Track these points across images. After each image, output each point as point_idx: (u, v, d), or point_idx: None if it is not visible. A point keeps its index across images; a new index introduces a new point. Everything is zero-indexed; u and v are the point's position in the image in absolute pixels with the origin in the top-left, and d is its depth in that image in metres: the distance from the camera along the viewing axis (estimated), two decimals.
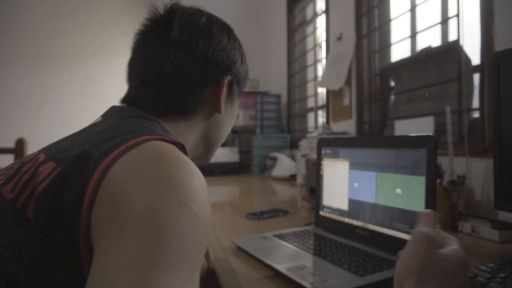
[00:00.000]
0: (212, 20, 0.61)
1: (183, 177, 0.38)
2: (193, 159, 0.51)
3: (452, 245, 0.41)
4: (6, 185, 0.42)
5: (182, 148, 0.46)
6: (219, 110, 0.60)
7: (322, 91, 2.55)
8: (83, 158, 0.39)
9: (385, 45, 1.90)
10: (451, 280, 0.36)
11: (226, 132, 0.68)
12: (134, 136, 0.42)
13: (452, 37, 1.47)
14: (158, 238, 0.33)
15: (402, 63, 1.74)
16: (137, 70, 0.57)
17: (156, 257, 0.32)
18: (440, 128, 1.35)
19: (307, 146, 1.97)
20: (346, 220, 0.88)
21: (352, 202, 0.87)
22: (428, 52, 1.55)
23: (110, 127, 0.46)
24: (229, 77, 0.60)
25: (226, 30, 0.63)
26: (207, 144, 0.65)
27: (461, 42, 1.30)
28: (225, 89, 0.60)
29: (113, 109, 0.55)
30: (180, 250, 0.33)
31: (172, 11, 0.58)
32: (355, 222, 0.85)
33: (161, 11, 0.59)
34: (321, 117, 2.61)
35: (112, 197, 0.36)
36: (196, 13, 0.60)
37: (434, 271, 0.36)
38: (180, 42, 0.56)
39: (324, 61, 2.47)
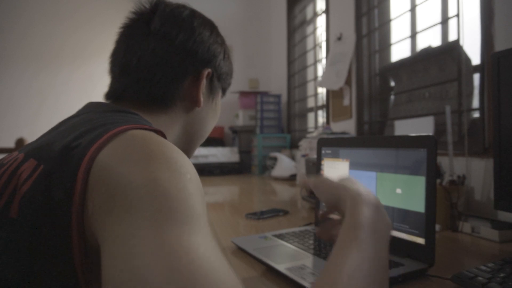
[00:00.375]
0: (195, 14, 0.62)
1: (170, 152, 0.40)
2: None
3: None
4: None
5: (162, 135, 0.47)
6: (198, 103, 0.59)
7: (322, 91, 2.55)
8: (66, 153, 0.39)
9: (385, 45, 1.90)
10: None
11: (207, 128, 0.67)
12: (115, 126, 0.42)
13: (452, 37, 1.47)
14: (164, 200, 0.35)
15: (402, 63, 1.74)
16: (118, 61, 0.58)
17: (167, 216, 0.34)
18: (440, 128, 1.35)
19: (307, 146, 1.97)
20: None
21: None
22: (428, 52, 1.55)
23: (88, 120, 0.46)
24: (209, 70, 0.60)
25: (208, 24, 0.63)
26: (188, 140, 0.64)
27: (461, 42, 1.30)
28: (204, 82, 0.60)
29: (89, 105, 0.55)
30: (187, 207, 0.35)
31: (156, 5, 0.59)
32: None
33: (147, 5, 0.60)
34: (321, 117, 2.61)
35: (106, 182, 0.36)
36: (179, 7, 0.61)
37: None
38: (160, 32, 0.56)
39: (324, 61, 2.47)
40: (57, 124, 0.51)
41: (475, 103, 1.30)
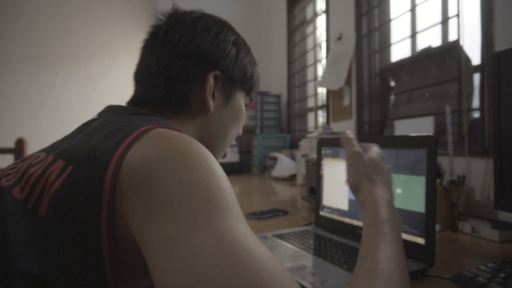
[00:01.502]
0: (202, 17, 0.60)
1: (198, 149, 0.41)
2: None
3: (372, 149, 0.59)
4: (15, 186, 0.43)
5: None
6: (206, 107, 0.57)
7: (322, 91, 2.55)
8: (94, 154, 0.40)
9: (385, 45, 1.90)
10: (381, 170, 0.56)
11: (227, 134, 0.64)
12: (139, 127, 0.43)
13: (452, 37, 1.47)
14: (206, 200, 0.36)
15: (402, 63, 1.74)
16: (134, 72, 0.61)
17: (212, 214, 0.35)
18: (440, 128, 1.35)
19: (307, 146, 1.97)
20: (346, 220, 0.88)
21: (352, 202, 0.87)
22: (428, 52, 1.55)
23: (110, 122, 0.47)
24: (215, 72, 0.57)
25: (217, 25, 0.60)
26: (206, 146, 0.63)
27: (461, 42, 1.30)
28: (211, 84, 0.57)
29: (109, 108, 0.55)
30: (226, 202, 0.37)
31: (170, 15, 0.60)
32: (355, 222, 0.85)
33: (163, 17, 0.61)
34: (321, 117, 2.61)
35: (142, 183, 0.37)
36: (189, 13, 0.60)
37: (372, 169, 0.55)
38: (164, 41, 0.57)
39: (324, 61, 2.47)
40: (79, 127, 0.52)
41: (475, 103, 1.30)
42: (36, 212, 0.39)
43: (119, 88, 3.80)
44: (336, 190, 0.93)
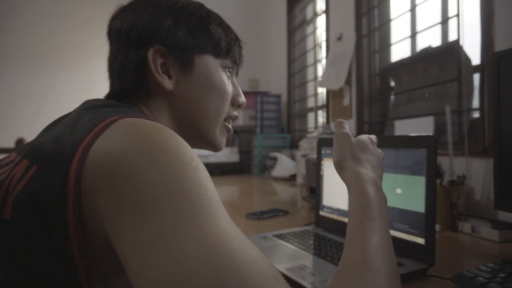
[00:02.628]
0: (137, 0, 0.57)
1: (170, 140, 0.38)
2: None
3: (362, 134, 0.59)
4: None
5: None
6: (162, 85, 0.53)
7: (322, 91, 2.55)
8: (57, 150, 0.38)
9: (385, 45, 1.90)
10: (370, 151, 0.56)
11: (204, 106, 0.57)
12: (104, 118, 0.40)
13: (452, 37, 1.47)
14: (181, 198, 0.34)
15: (402, 63, 1.74)
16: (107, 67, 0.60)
17: (189, 212, 0.33)
18: (440, 128, 1.35)
19: (307, 146, 1.97)
20: (346, 220, 0.88)
21: None
22: (428, 52, 1.55)
23: (79, 116, 0.44)
24: (154, 48, 0.53)
25: (151, 2, 0.56)
26: (187, 126, 0.58)
27: (461, 42, 1.30)
28: (156, 62, 0.53)
29: (84, 102, 0.53)
30: (205, 198, 0.35)
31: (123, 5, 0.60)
32: None
33: None
34: (321, 117, 2.61)
35: (110, 179, 0.35)
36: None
37: (359, 149, 0.54)
38: (110, 30, 0.57)
39: (324, 61, 2.47)
40: (51, 124, 0.50)
41: (475, 103, 1.30)
42: (1, 216, 0.37)
43: None
44: (336, 190, 0.93)
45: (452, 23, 1.45)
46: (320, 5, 2.72)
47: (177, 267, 0.30)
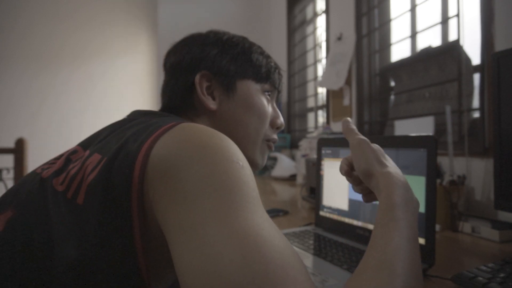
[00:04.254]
0: (194, 34, 0.67)
1: (220, 142, 0.43)
2: None
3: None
4: (56, 178, 0.47)
5: None
6: (206, 106, 0.61)
7: (322, 91, 2.55)
8: (126, 146, 0.44)
9: (385, 45, 1.90)
10: (387, 156, 0.54)
11: (243, 126, 0.64)
12: (165, 123, 0.47)
13: (452, 37, 1.47)
14: (223, 191, 0.38)
15: (402, 63, 1.74)
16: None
17: (229, 205, 0.37)
18: (440, 128, 1.35)
19: (307, 146, 1.97)
20: (346, 220, 0.88)
21: (352, 202, 0.87)
22: (428, 52, 1.55)
23: (141, 122, 0.51)
24: (201, 73, 0.61)
25: (200, 36, 0.66)
26: None
27: (461, 42, 1.30)
28: (202, 85, 0.61)
29: (137, 112, 0.61)
30: (245, 194, 0.39)
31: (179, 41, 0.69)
32: (355, 222, 0.85)
33: None
34: (321, 117, 2.61)
35: (166, 172, 0.40)
36: (193, 34, 0.67)
37: (381, 154, 0.53)
38: (165, 63, 0.67)
39: (324, 61, 2.47)
40: (112, 125, 0.55)
41: (475, 103, 1.30)
42: (75, 201, 0.43)
43: (119, 88, 3.81)
44: (336, 190, 0.93)
45: (452, 23, 1.45)
46: (320, 5, 2.72)
47: (210, 250, 0.34)
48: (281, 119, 0.70)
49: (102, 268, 0.40)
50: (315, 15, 2.78)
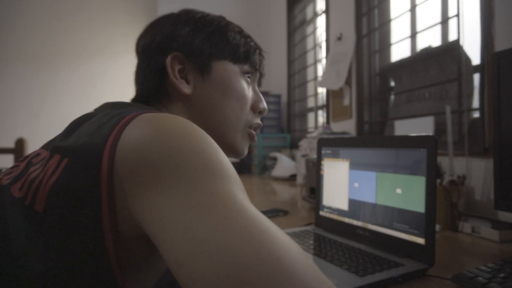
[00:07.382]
0: (171, 14, 0.61)
1: (194, 129, 0.40)
2: None
3: None
4: (15, 184, 0.43)
5: None
6: (179, 90, 0.56)
7: (322, 91, 2.55)
8: (88, 143, 0.40)
9: (385, 45, 1.90)
10: None
11: (221, 109, 0.59)
12: (129, 113, 0.43)
13: (452, 37, 1.47)
14: (202, 166, 0.36)
15: (402, 63, 1.74)
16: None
17: (208, 175, 0.36)
18: (440, 128, 1.35)
19: (307, 146, 1.97)
20: (346, 220, 0.88)
21: (352, 202, 0.87)
22: (428, 52, 1.55)
23: (105, 115, 0.46)
24: (172, 55, 0.56)
25: (171, 16, 0.60)
26: (208, 133, 0.57)
27: (461, 42, 1.30)
28: (174, 67, 0.56)
29: (106, 104, 0.56)
30: (224, 169, 0.37)
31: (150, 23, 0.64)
32: (355, 222, 0.85)
33: None
34: (321, 117, 2.61)
35: (138, 163, 0.37)
36: (164, 15, 0.62)
37: None
38: (137, 46, 0.62)
39: (324, 61, 2.47)
40: (74, 122, 0.50)
41: (475, 103, 1.30)
42: (33, 208, 0.39)
43: (119, 88, 3.81)
44: (336, 190, 0.93)
45: (452, 23, 1.45)
46: (320, 5, 2.72)
47: (199, 223, 0.32)
48: (263, 103, 0.64)
49: (72, 281, 0.37)
50: (315, 15, 2.78)
